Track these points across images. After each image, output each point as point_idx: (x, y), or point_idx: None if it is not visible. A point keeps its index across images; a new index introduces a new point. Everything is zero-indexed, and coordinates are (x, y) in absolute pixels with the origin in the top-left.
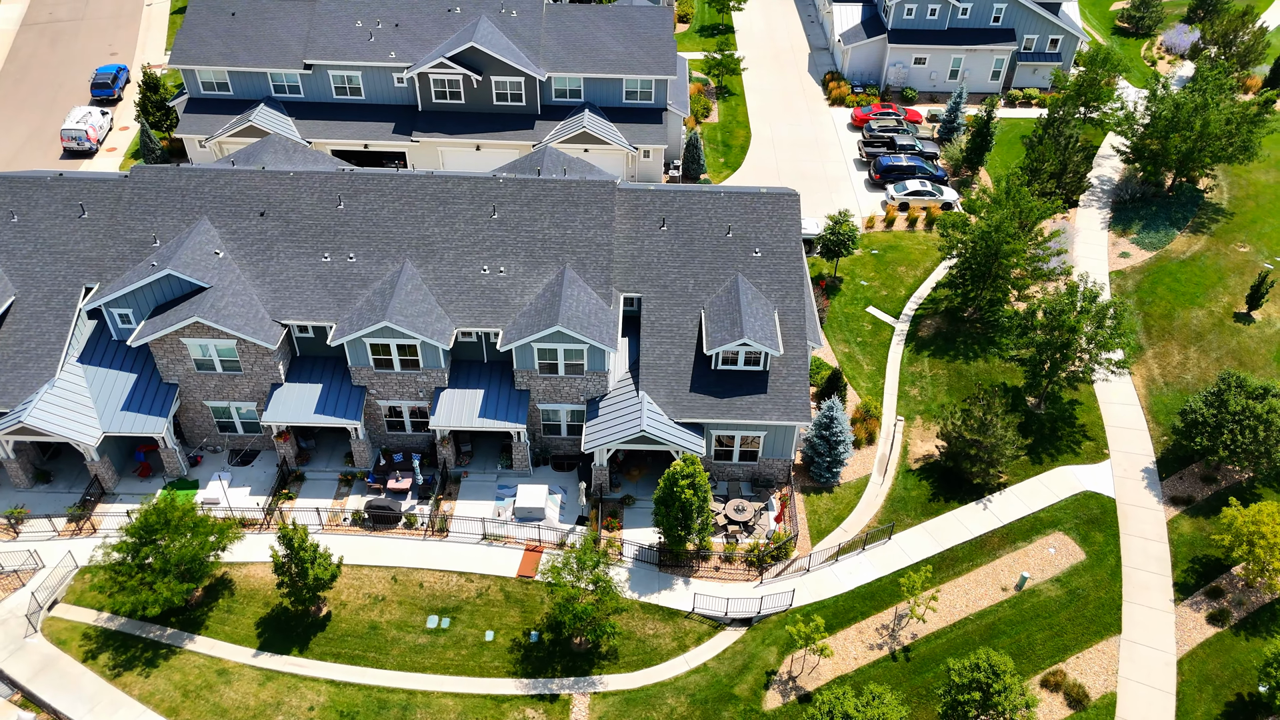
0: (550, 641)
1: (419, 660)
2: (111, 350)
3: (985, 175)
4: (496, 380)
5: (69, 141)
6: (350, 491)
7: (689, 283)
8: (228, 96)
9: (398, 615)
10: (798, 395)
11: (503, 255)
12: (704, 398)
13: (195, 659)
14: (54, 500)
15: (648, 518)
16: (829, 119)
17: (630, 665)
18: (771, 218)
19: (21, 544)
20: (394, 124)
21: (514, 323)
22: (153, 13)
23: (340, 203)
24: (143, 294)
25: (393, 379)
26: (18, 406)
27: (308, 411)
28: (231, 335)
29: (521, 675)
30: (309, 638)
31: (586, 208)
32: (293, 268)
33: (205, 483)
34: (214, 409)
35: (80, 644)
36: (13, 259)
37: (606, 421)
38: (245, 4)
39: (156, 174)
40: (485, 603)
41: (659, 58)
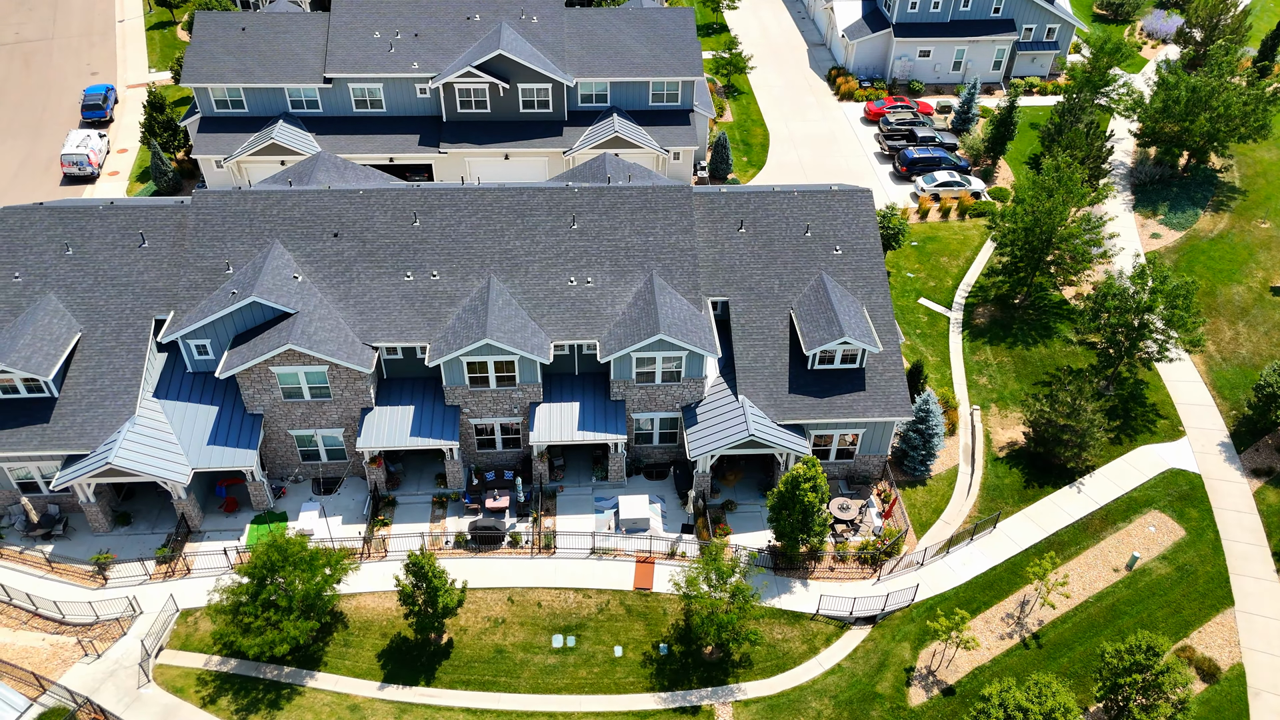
0: (681, 653)
1: (552, 681)
2: (186, 383)
3: (1004, 164)
4: (590, 392)
5: (70, 167)
6: (446, 514)
7: (774, 283)
8: (242, 114)
9: (521, 637)
10: (896, 390)
11: (587, 266)
12: (804, 398)
13: (322, 696)
14: (136, 543)
15: (750, 521)
16: (841, 114)
17: (765, 671)
18: (847, 215)
19: (113, 591)
20: (419, 136)
21: (609, 333)
22: (126, 29)
23: (415, 219)
24: (222, 323)
25: (487, 396)
26: (100, 448)
27: (403, 435)
28: (325, 361)
29: (659, 689)
30: (434, 666)
31: (665, 213)
32: (375, 289)
33: (296, 514)
34: (298, 438)
35: (198, 690)
36: (73, 293)
37: (708, 428)
38: (255, 18)
39: (220, 198)
40: (607, 618)
41: (685, 59)
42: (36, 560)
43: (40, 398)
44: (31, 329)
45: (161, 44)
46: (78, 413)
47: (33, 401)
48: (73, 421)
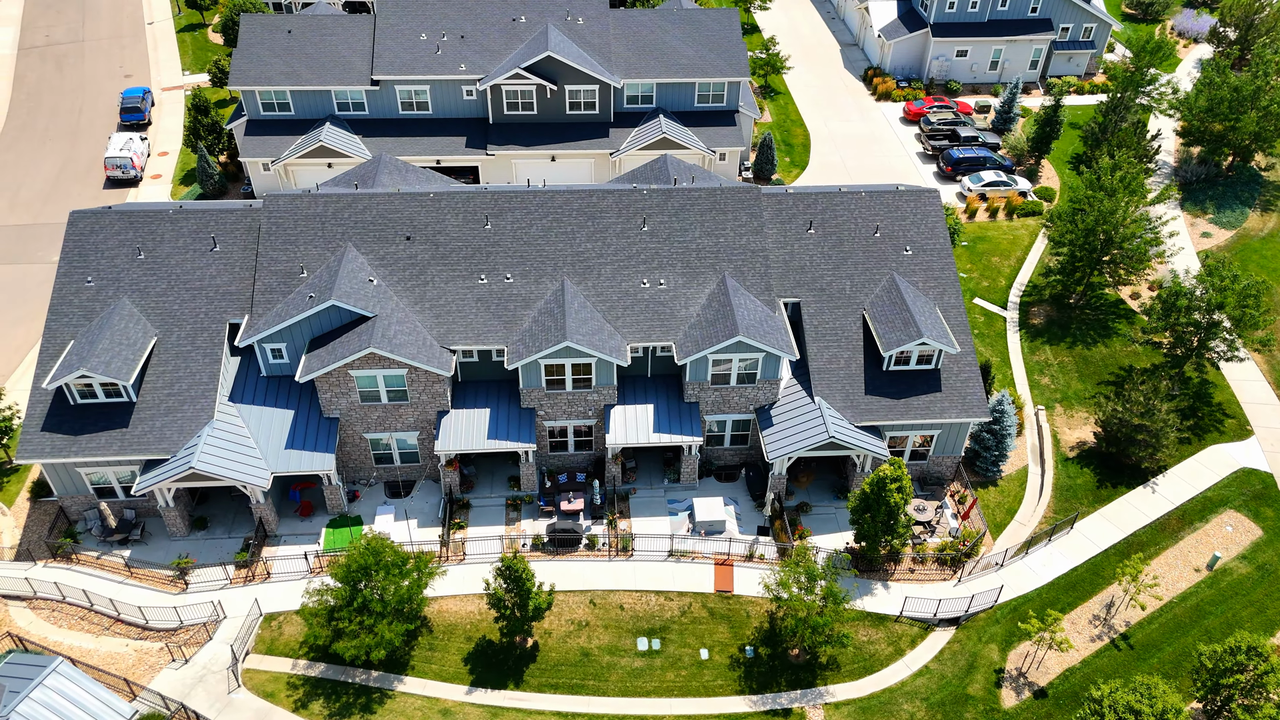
0: (767, 656)
1: (640, 685)
2: (260, 386)
3: (1047, 164)
4: (664, 394)
5: (113, 170)
6: (520, 516)
7: (845, 284)
8: (288, 117)
9: (606, 640)
10: (972, 391)
11: (659, 268)
12: (880, 400)
13: (412, 700)
14: (213, 547)
15: (825, 523)
16: (879, 114)
17: (852, 674)
18: (915, 215)
19: (195, 595)
20: (466, 138)
21: (685, 335)
22: (156, 31)
23: (487, 222)
24: (299, 327)
25: (563, 399)
26: (180, 452)
27: (480, 437)
28: (405, 364)
29: (748, 692)
30: (522, 670)
31: (735, 214)
32: (450, 292)
33: (371, 518)
34: (373, 441)
35: (288, 694)
36: (147, 297)
37: (786, 430)
38: (301, 20)
39: (292, 202)
40: (691, 621)
41: (731, 60)
42: (115, 565)
43: (118, 402)
44: (109, 333)
45: (194, 46)
46: (156, 417)
47: (111, 406)
48: (152, 426)
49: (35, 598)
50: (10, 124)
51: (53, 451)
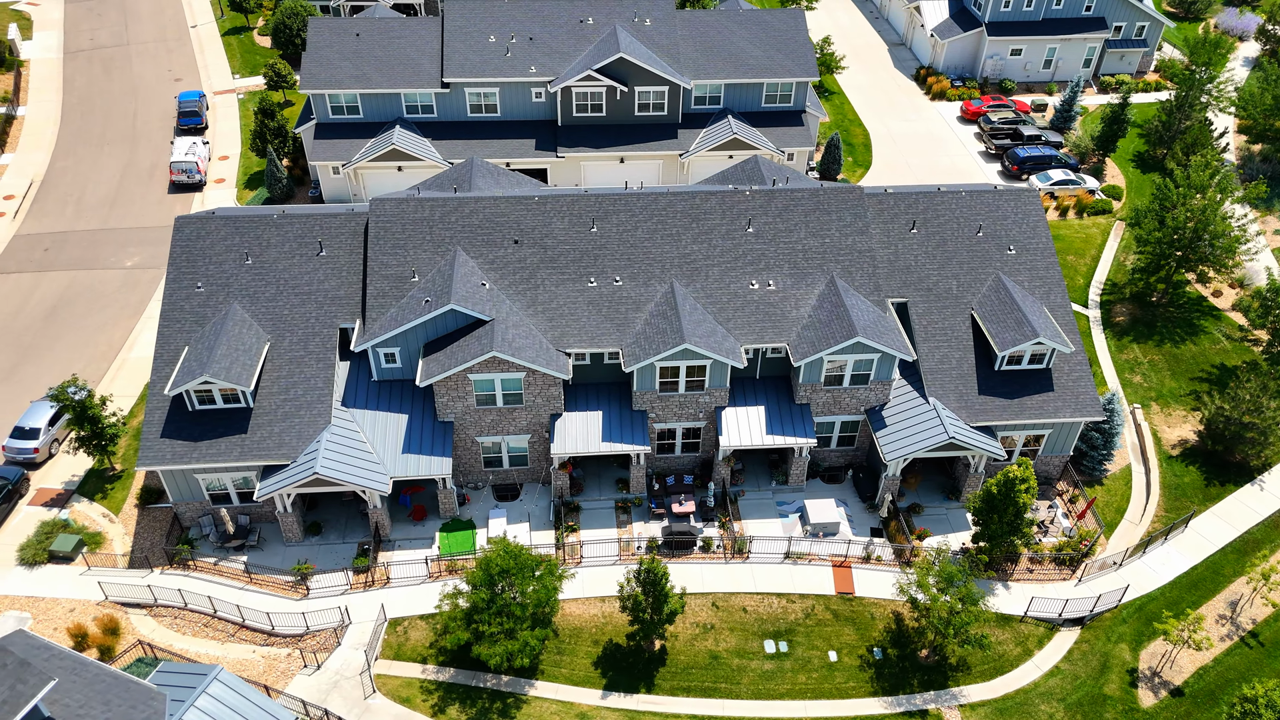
0: (896, 657)
1: (772, 688)
2: (371, 391)
3: (1110, 162)
4: (774, 396)
5: (178, 174)
6: (631, 519)
7: (951, 284)
8: (357, 120)
9: (733, 643)
10: (1085, 390)
11: (766, 269)
12: (994, 400)
13: (547, 705)
14: (328, 552)
15: (938, 523)
16: (935, 113)
17: (984, 675)
18: (1017, 214)
19: (317, 601)
20: (535, 140)
21: (798, 336)
22: (201, 34)
23: (593, 225)
24: (414, 332)
25: (674, 401)
26: (300, 458)
27: (595, 440)
28: (524, 367)
29: (881, 694)
30: (652, 674)
31: (839, 214)
32: (561, 295)
33: (482, 521)
34: (484, 445)
35: (423, 699)
36: (256, 302)
37: (901, 430)
38: (368, 24)
39: (398, 206)
40: (815, 623)
41: (799, 60)
42: (233, 572)
43: (236, 408)
44: (225, 340)
45: (241, 50)
46: (274, 423)
47: (229, 412)
48: (270, 432)
49: (155, 605)
50: (65, 129)
51: (174, 458)
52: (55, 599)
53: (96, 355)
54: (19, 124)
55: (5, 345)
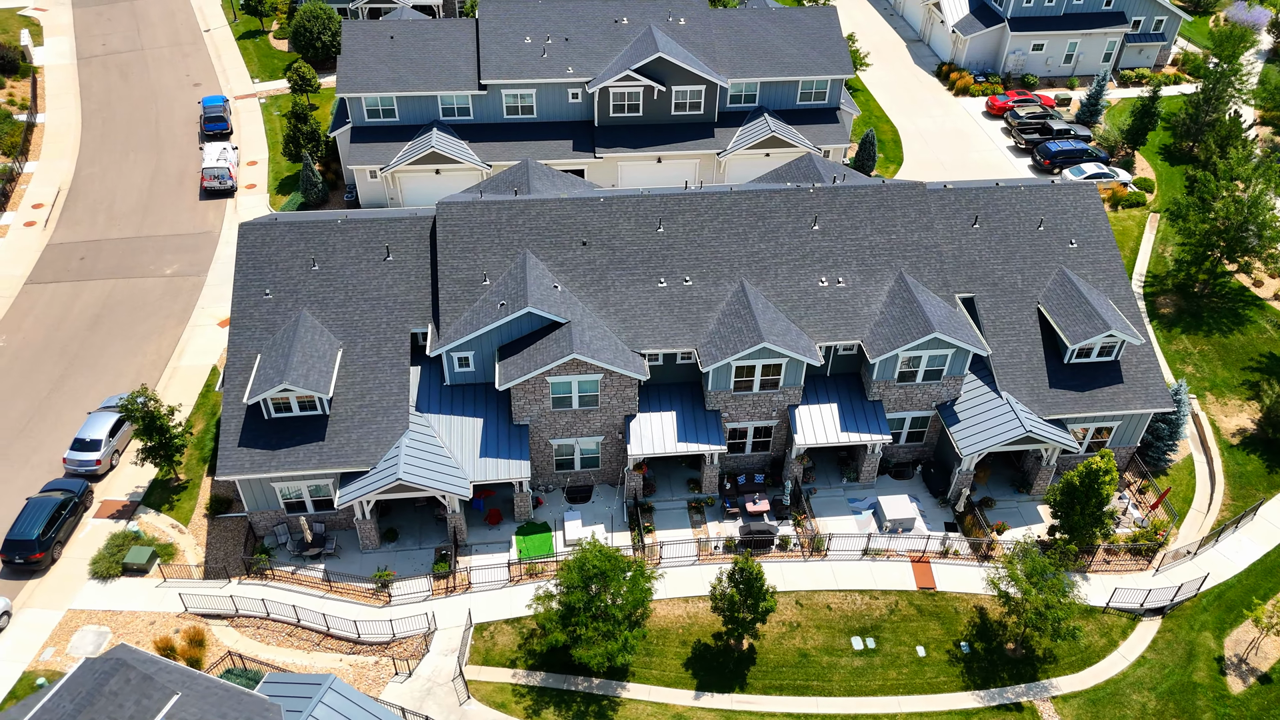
0: (984, 650)
1: (864, 684)
2: (443, 395)
3: (1139, 155)
4: (845, 393)
5: (211, 180)
6: (704, 519)
7: (1016, 279)
8: (393, 123)
9: (820, 640)
10: (1154, 381)
11: (834, 266)
12: (1065, 393)
13: (643, 707)
14: (405, 559)
15: (1009, 516)
16: (960, 109)
17: (1072, 666)
18: (1076, 208)
19: (402, 608)
20: (572, 141)
21: (872, 333)
22: (215, 39)
23: (659, 225)
24: (489, 335)
25: (748, 400)
26: (380, 464)
27: (670, 440)
28: (604, 369)
29: (973, 688)
30: (743, 673)
31: (904, 210)
32: (631, 296)
33: (556, 524)
34: (557, 447)
35: (518, 703)
36: (326, 309)
37: (975, 425)
38: (402, 26)
39: (465, 209)
40: (900, 619)
41: (834, 57)
42: (312, 581)
43: (312, 415)
44: (299, 347)
45: (258, 54)
46: (351, 429)
47: (305, 420)
48: (348, 438)
49: (237, 615)
50: (88, 135)
51: (252, 467)
52: (134, 612)
53: (146, 364)
54: (39, 131)
55: (52, 355)
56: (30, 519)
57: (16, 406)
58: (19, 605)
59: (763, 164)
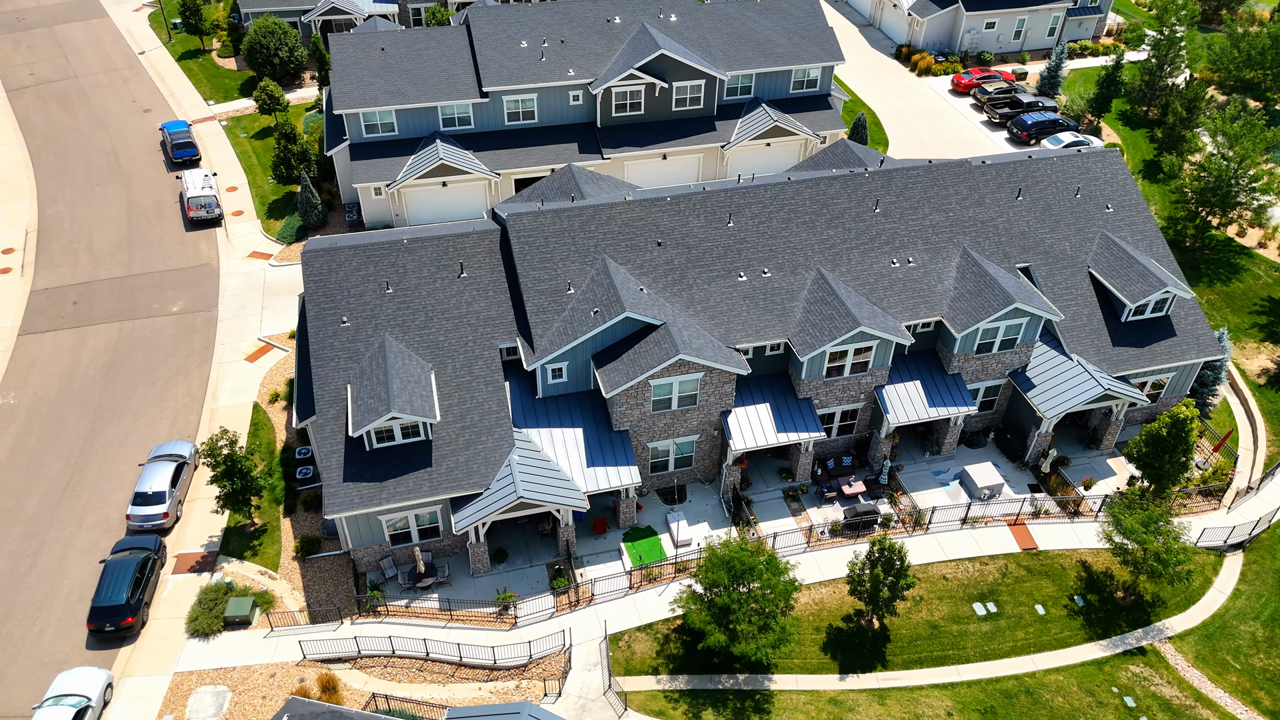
0: (1097, 602)
1: (996, 647)
2: (535, 409)
3: (1103, 122)
4: (924, 369)
5: (197, 210)
6: (802, 506)
7: (1064, 245)
8: (393, 138)
9: (945, 610)
10: (1203, 331)
11: (901, 247)
12: (1127, 350)
13: (796, 696)
14: (518, 578)
15: (1084, 472)
16: (927, 89)
17: (1178, 607)
18: (1105, 174)
19: (531, 629)
20: (577, 144)
21: (950, 308)
22: (153, 61)
23: (729, 220)
24: (584, 345)
25: (837, 385)
26: (494, 484)
27: (770, 432)
28: (706, 367)
29: (1097, 638)
30: (880, 651)
31: (955, 188)
32: (715, 292)
33: (660, 527)
34: (654, 450)
35: (674, 709)
36: (408, 331)
37: (1051, 388)
38: (392, 37)
39: (535, 220)
40: (1014, 581)
41: (824, 45)
42: (429, 612)
43: (416, 442)
44: (394, 373)
45: (205, 74)
46: (457, 452)
47: (410, 448)
48: (456, 462)
49: (359, 657)
50: (42, 172)
51: (361, 502)
52: (248, 667)
53: (179, 409)
54: None
55: (72, 409)
56: (114, 583)
57: (51, 467)
58: (118, 675)
59: (764, 154)
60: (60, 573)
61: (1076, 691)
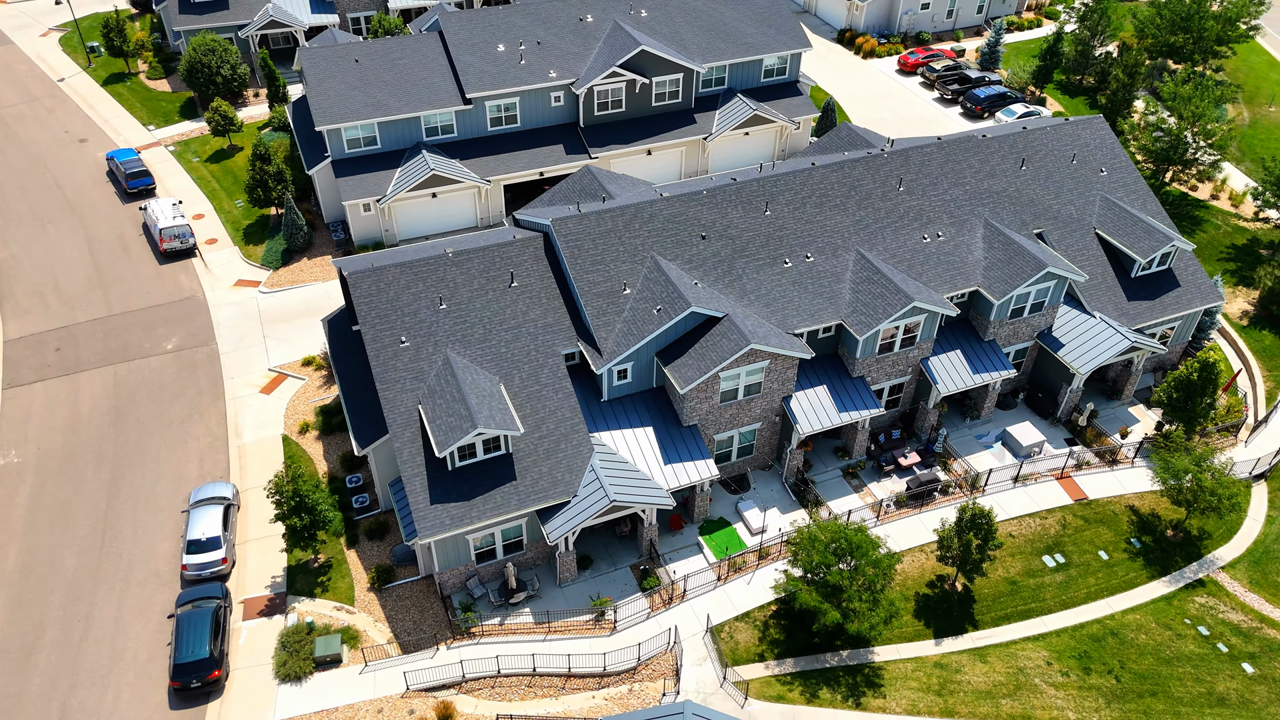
0: (1151, 542)
1: (1073, 596)
2: (601, 411)
3: (1045, 93)
4: (961, 338)
5: (171, 241)
6: (862, 482)
7: (1070, 210)
8: (376, 151)
9: (1019, 566)
10: (1203, 280)
11: (929, 222)
12: (1142, 303)
13: (903, 665)
14: (605, 582)
15: (1115, 422)
16: (875, 70)
17: (1222, 538)
18: (1094, 140)
19: (634, 631)
20: (563, 145)
21: (984, 277)
22: (77, 88)
23: (766, 208)
24: (649, 344)
25: (887, 361)
26: (581, 491)
27: (832, 413)
28: (775, 354)
29: (1158, 576)
30: (968, 612)
31: (968, 162)
32: (764, 280)
33: (734, 517)
34: (719, 441)
35: (791, 691)
36: (469, 345)
37: (1080, 346)
38: (364, 49)
39: (580, 223)
40: (1074, 531)
41: (791, 32)
42: (525, 627)
43: (499, 457)
44: (468, 389)
45: (136, 99)
46: (539, 462)
47: (492, 463)
48: (541, 472)
49: (464, 681)
50: None
51: (452, 523)
52: (350, 705)
53: (204, 449)
54: None
55: (86, 460)
56: (193, 636)
57: (80, 524)
58: None
59: (743, 144)
60: (120, 633)
61: (1155, 627)
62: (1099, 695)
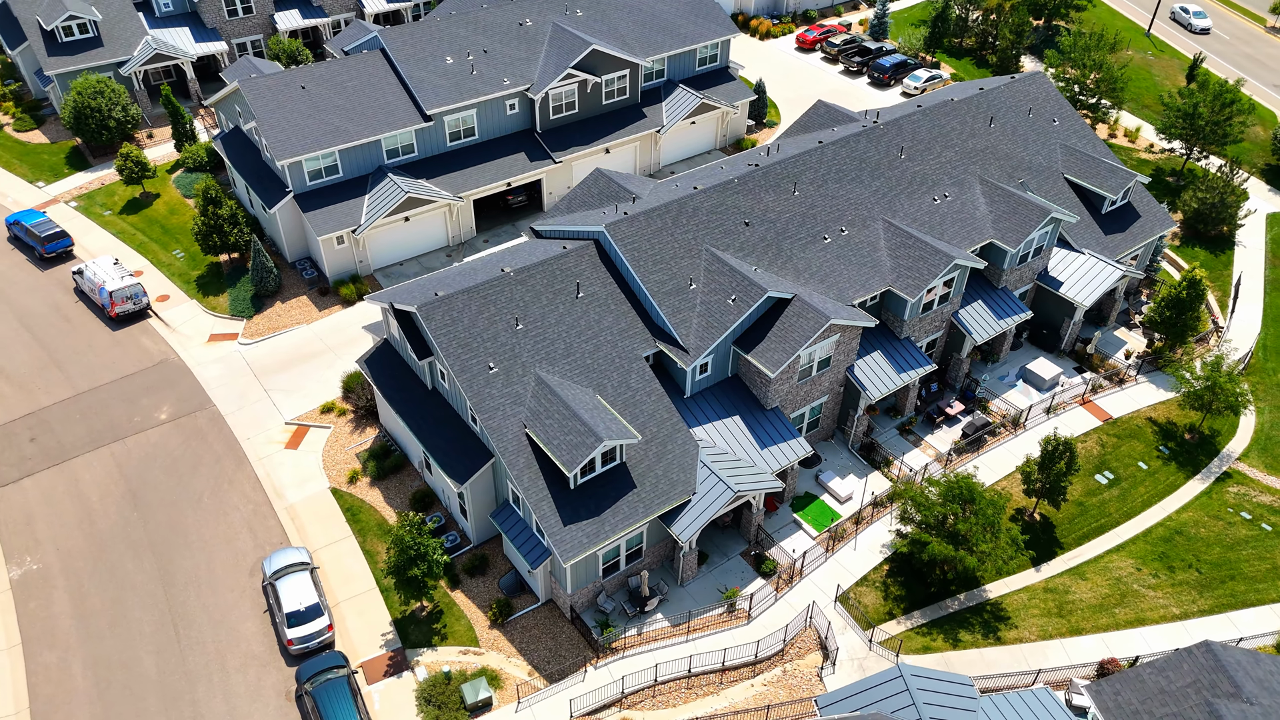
0: (1175, 447)
1: (1132, 506)
2: (685, 407)
3: (938, 58)
4: (978, 290)
5: (124, 304)
6: (919, 436)
7: (1039, 159)
8: (338, 180)
9: (1080, 489)
10: (1158, 209)
11: (934, 185)
12: (1115, 236)
13: (1017, 597)
14: (722, 574)
15: (1113, 346)
16: (775, 49)
17: (1230, 433)
18: (1040, 94)
19: (772, 614)
20: (524, 153)
21: (995, 229)
22: None
23: (795, 189)
24: (729, 335)
25: (928, 319)
26: (700, 488)
27: (893, 375)
28: (850, 327)
29: (1189, 478)
30: (1054, 537)
31: (951, 125)
32: (812, 258)
33: (815, 489)
34: (793, 419)
35: (932, 642)
36: (554, 361)
37: (1078, 281)
38: (307, 74)
39: (631, 225)
40: (1110, 449)
41: (719, 20)
42: (663, 632)
43: (615, 467)
44: (577, 405)
45: (11, 155)
46: (653, 466)
47: (611, 475)
48: (659, 475)
49: (624, 697)
50: None
51: (589, 541)
52: None
53: (248, 517)
54: None
55: (120, 552)
56: (340, 710)
57: (143, 621)
58: None
59: (691, 132)
60: None
61: (1208, 520)
62: (1190, 588)
